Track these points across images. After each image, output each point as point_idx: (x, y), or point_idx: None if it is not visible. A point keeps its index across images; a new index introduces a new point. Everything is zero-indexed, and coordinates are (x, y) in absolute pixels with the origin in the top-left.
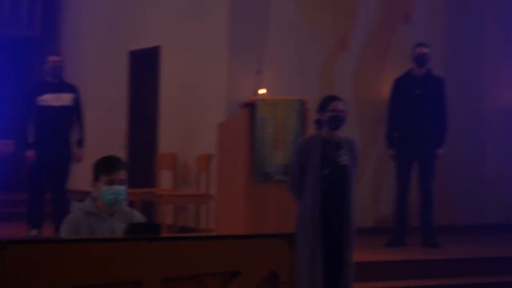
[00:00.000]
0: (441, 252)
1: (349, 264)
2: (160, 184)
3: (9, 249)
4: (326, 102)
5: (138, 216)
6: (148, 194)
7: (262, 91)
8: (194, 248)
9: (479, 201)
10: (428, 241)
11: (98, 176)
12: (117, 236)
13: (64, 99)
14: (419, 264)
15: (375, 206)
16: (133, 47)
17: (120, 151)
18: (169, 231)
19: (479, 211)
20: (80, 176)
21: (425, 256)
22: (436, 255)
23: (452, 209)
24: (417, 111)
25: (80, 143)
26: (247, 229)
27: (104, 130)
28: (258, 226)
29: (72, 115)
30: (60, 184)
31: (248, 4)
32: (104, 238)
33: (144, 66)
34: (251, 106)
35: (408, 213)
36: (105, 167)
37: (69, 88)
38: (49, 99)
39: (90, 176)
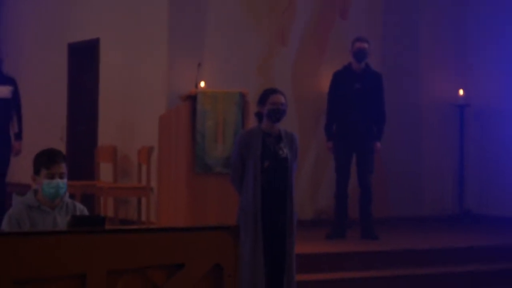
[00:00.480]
0: (380, 244)
1: (291, 256)
2: (100, 177)
3: None
4: (267, 95)
5: (81, 208)
6: (88, 186)
7: (201, 84)
8: (138, 241)
9: (417, 194)
10: (368, 233)
11: (38, 170)
12: (60, 229)
13: (2, 91)
14: (359, 256)
15: (315, 198)
16: (72, 40)
17: (59, 144)
18: (110, 224)
19: (417, 204)
20: (19, 169)
21: (365, 248)
22: (375, 247)
23: (390, 202)
24: (356, 105)
25: (18, 136)
26: (188, 222)
27: (43, 123)
28: (199, 218)
29: (10, 107)
30: None
31: None
32: (47, 231)
33: (84, 58)
34: (192, 99)
35: (347, 206)
36: (45, 160)
37: (8, 80)
38: None
39: (30, 169)
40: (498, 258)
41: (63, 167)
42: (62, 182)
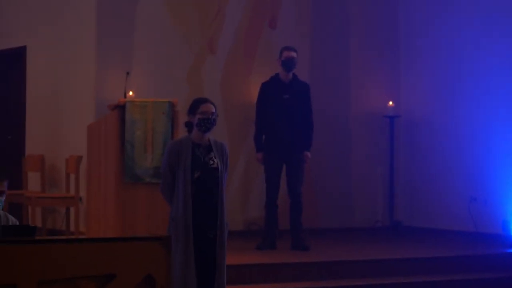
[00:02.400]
0: (310, 255)
1: (222, 267)
2: (28, 186)
3: None
4: (196, 104)
5: (13, 221)
6: (15, 196)
7: (130, 93)
8: (69, 251)
9: (347, 205)
10: (298, 244)
11: None
12: None
13: None
14: (290, 267)
15: (244, 209)
16: None
17: None
18: (38, 234)
19: (347, 214)
20: None
21: (295, 259)
22: (306, 258)
23: (320, 213)
24: (284, 115)
25: None
26: (117, 232)
27: None
28: (128, 228)
29: None
30: None
31: (115, 4)
32: None
33: (10, 66)
34: (120, 108)
35: (277, 216)
36: None
37: None
38: None
39: None
40: (429, 270)
41: (4, 186)
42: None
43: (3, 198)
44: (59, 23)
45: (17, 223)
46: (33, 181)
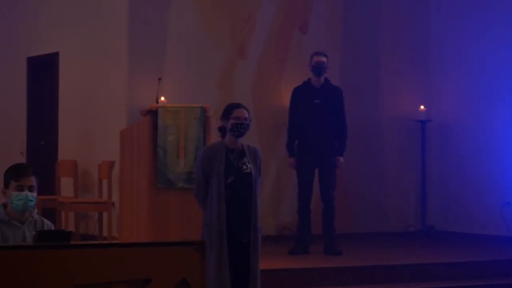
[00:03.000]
0: (343, 259)
1: (256, 272)
2: (61, 192)
3: None
4: (230, 109)
5: (49, 224)
6: (49, 201)
7: (162, 98)
8: (105, 256)
9: (380, 209)
10: (331, 249)
11: (8, 183)
12: (28, 244)
13: None
14: (322, 271)
15: (277, 214)
16: (31, 53)
17: (20, 158)
18: (71, 239)
19: (380, 218)
20: None
21: (328, 263)
22: (338, 263)
23: (353, 217)
24: (316, 120)
25: None
26: (149, 237)
27: (3, 137)
28: (161, 233)
29: None
30: None
31: (147, 11)
32: (16, 245)
33: (43, 72)
34: (152, 114)
35: (310, 221)
36: (15, 173)
37: None
38: None
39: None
40: (462, 274)
41: (33, 180)
42: (31, 195)
43: (35, 194)
44: (92, 29)
45: (53, 226)
46: (66, 186)
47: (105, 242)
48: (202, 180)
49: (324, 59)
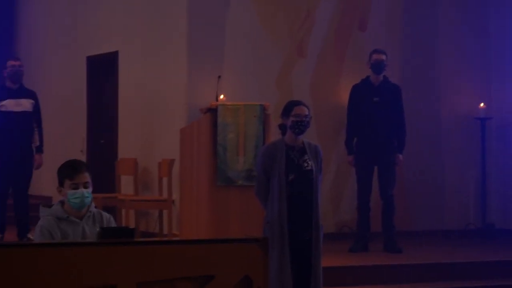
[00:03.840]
0: (403, 257)
1: (318, 269)
2: (121, 189)
3: None
4: (290, 106)
5: (107, 217)
6: (109, 199)
7: (221, 97)
8: (168, 252)
9: (439, 207)
10: (390, 246)
11: (62, 181)
12: (91, 240)
13: (24, 105)
14: (382, 269)
15: (336, 211)
16: (90, 53)
17: (80, 156)
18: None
19: (439, 216)
20: (40, 182)
21: (388, 261)
22: (398, 260)
23: (413, 215)
24: (375, 118)
25: (39, 149)
26: (210, 234)
27: (63, 136)
28: (221, 231)
29: (31, 121)
30: (22, 189)
31: (205, 10)
32: (78, 242)
33: (103, 71)
34: (212, 112)
35: (370, 219)
36: (68, 171)
37: (29, 93)
38: (9, 104)
39: (51, 182)
40: None
41: (87, 177)
42: (87, 192)
43: (91, 189)
44: (151, 28)
45: (112, 218)
46: (126, 184)
47: (168, 239)
48: (263, 178)
49: (383, 57)
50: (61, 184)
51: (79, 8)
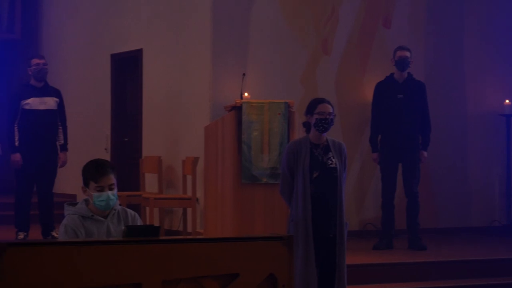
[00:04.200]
0: (428, 254)
1: (342, 266)
2: (145, 187)
3: (8, 252)
4: (314, 104)
5: (132, 214)
6: (133, 197)
7: (245, 94)
8: (193, 250)
9: (464, 204)
10: (415, 243)
11: (87, 182)
12: (117, 238)
13: (48, 103)
14: (407, 266)
15: (360, 209)
16: (115, 50)
17: (104, 154)
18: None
19: (464, 213)
20: (64, 179)
21: (412, 258)
22: (423, 257)
23: (437, 212)
24: (400, 115)
25: (64, 147)
26: (234, 232)
27: (87, 134)
28: (245, 229)
29: (56, 119)
30: (47, 187)
31: (230, 7)
32: (104, 240)
33: (127, 69)
34: (236, 109)
35: (394, 216)
36: (93, 174)
37: (54, 92)
38: (34, 103)
39: (75, 180)
40: None
41: (112, 178)
42: (112, 194)
43: (116, 190)
44: (175, 25)
45: (137, 215)
46: (150, 182)
47: (193, 237)
48: (287, 175)
49: (407, 53)
50: (86, 184)
51: (103, 6)
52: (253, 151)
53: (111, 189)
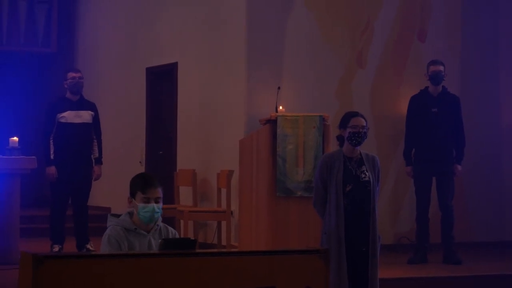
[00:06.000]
0: (463, 269)
1: (375, 280)
2: (180, 201)
3: (45, 265)
4: (347, 118)
5: (173, 232)
6: (168, 210)
7: (280, 107)
8: (230, 263)
9: (499, 217)
10: (450, 257)
11: (134, 193)
12: (153, 251)
13: (84, 116)
14: (442, 281)
15: (394, 223)
16: (150, 64)
17: (139, 168)
18: None
19: (499, 227)
20: (98, 193)
21: (447, 273)
22: (458, 272)
23: (472, 226)
24: (434, 128)
25: (98, 161)
26: (269, 245)
27: (122, 147)
28: (280, 242)
29: (91, 132)
30: (81, 200)
31: (265, 20)
32: (142, 253)
33: (162, 82)
34: (271, 123)
35: (428, 230)
36: (141, 184)
37: (89, 105)
38: (69, 116)
39: (108, 193)
40: None
41: (159, 192)
42: (158, 207)
43: (161, 205)
44: (210, 39)
45: (177, 234)
46: (185, 195)
47: (229, 250)
48: (320, 188)
49: (441, 67)
50: (132, 195)
51: (139, 20)
52: (287, 164)
53: (157, 202)
